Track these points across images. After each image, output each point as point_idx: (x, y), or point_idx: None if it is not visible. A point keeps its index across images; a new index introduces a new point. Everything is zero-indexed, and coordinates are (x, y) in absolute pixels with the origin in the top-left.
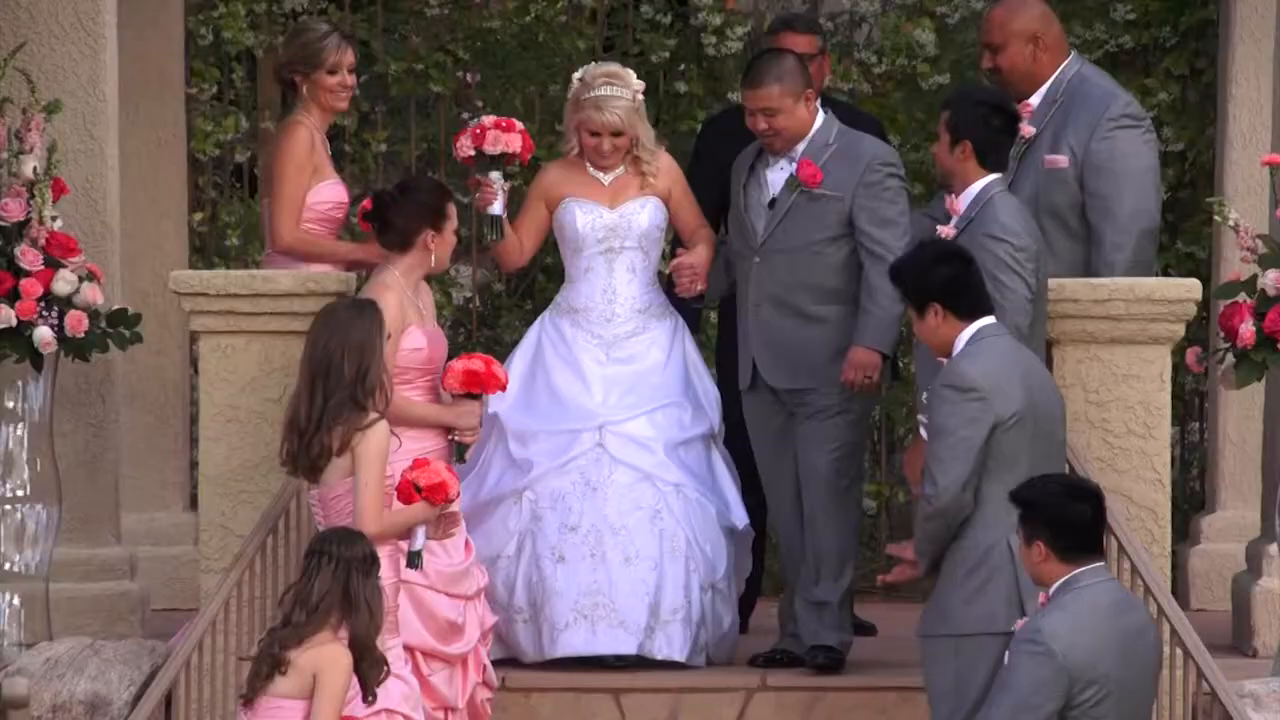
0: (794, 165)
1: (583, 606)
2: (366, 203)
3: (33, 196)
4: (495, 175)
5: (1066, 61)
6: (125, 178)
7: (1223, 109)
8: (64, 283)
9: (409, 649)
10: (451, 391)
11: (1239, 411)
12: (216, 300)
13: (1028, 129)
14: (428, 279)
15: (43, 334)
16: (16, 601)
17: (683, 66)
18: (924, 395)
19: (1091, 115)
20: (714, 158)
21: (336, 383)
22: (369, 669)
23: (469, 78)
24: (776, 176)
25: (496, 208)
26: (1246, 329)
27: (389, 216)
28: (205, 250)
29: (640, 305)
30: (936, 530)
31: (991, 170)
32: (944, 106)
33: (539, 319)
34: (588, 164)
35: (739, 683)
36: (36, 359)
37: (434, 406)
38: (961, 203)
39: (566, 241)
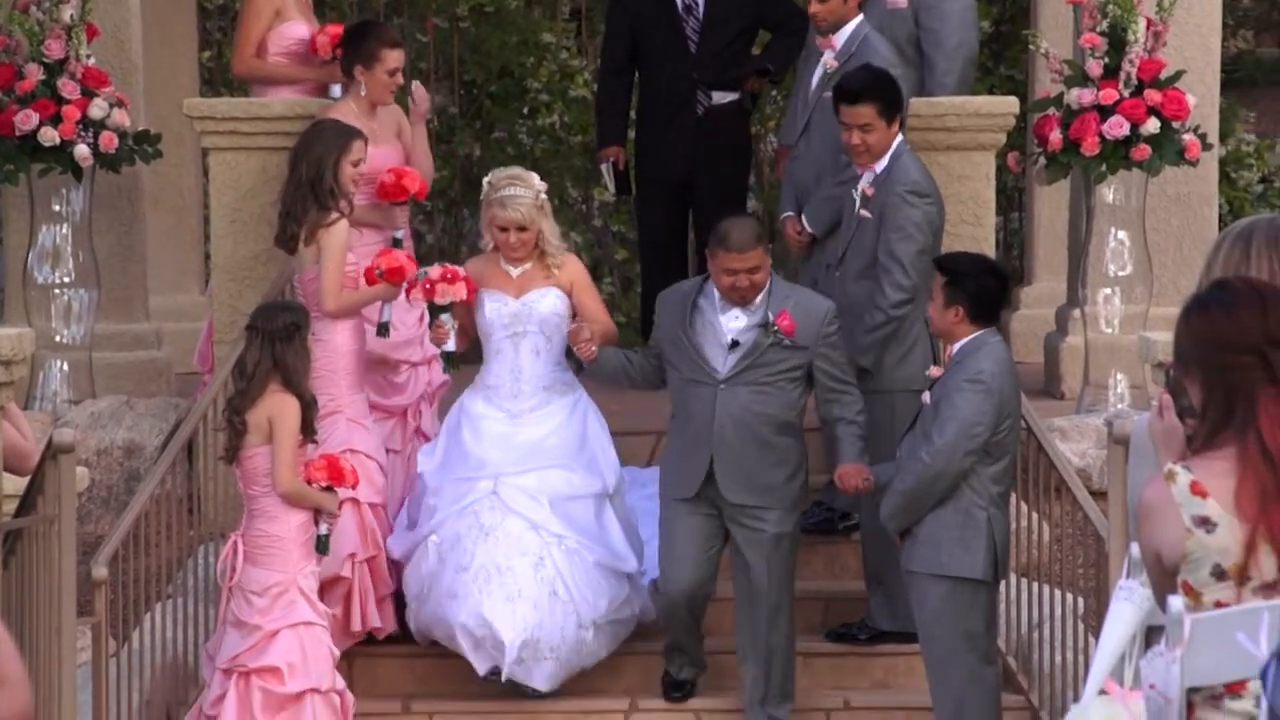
0: (759, 313)
1: (471, 628)
2: (331, 29)
3: (70, 38)
4: (445, 317)
5: None
6: (146, 22)
7: None
8: (97, 109)
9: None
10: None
11: (1050, 203)
12: (222, 123)
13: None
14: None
15: (81, 151)
16: (66, 367)
17: None
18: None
19: None
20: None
21: (297, 177)
22: (306, 409)
23: None
24: (730, 322)
25: (450, 345)
26: (1055, 136)
27: (343, 50)
28: (213, 82)
29: (545, 383)
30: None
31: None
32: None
33: (460, 398)
34: (501, 259)
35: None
36: (77, 171)
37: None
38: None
39: (480, 328)
